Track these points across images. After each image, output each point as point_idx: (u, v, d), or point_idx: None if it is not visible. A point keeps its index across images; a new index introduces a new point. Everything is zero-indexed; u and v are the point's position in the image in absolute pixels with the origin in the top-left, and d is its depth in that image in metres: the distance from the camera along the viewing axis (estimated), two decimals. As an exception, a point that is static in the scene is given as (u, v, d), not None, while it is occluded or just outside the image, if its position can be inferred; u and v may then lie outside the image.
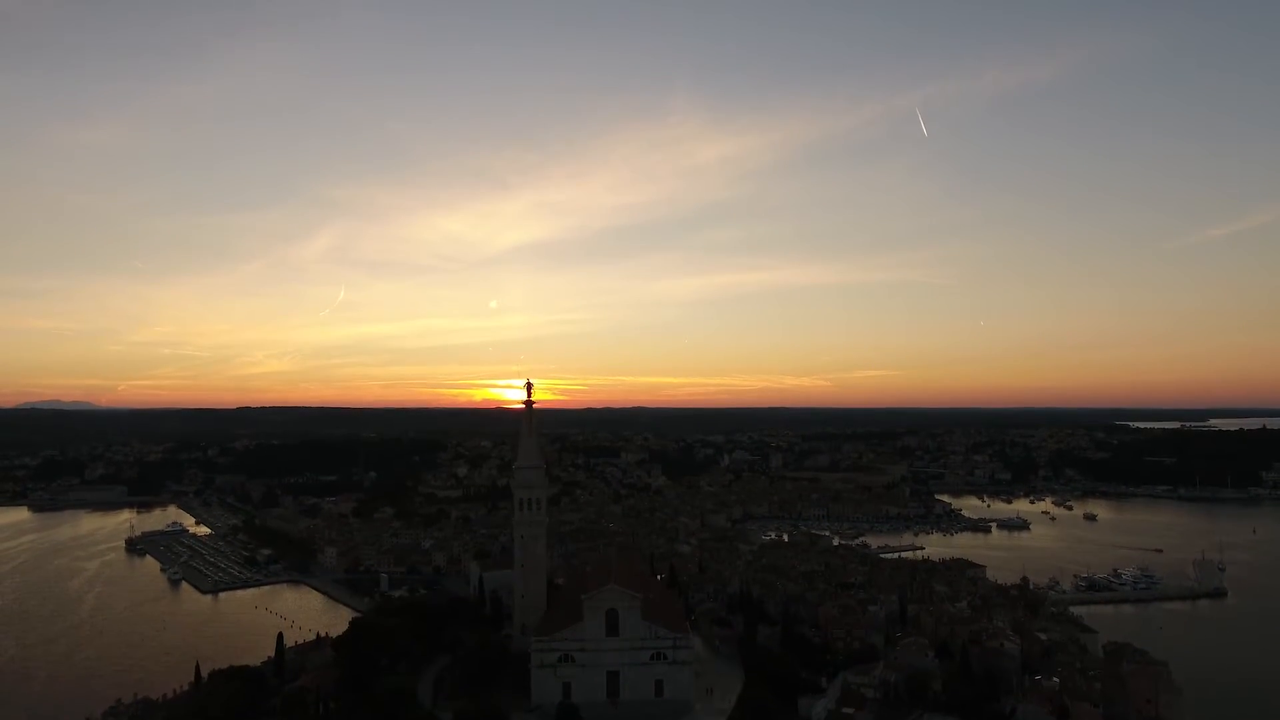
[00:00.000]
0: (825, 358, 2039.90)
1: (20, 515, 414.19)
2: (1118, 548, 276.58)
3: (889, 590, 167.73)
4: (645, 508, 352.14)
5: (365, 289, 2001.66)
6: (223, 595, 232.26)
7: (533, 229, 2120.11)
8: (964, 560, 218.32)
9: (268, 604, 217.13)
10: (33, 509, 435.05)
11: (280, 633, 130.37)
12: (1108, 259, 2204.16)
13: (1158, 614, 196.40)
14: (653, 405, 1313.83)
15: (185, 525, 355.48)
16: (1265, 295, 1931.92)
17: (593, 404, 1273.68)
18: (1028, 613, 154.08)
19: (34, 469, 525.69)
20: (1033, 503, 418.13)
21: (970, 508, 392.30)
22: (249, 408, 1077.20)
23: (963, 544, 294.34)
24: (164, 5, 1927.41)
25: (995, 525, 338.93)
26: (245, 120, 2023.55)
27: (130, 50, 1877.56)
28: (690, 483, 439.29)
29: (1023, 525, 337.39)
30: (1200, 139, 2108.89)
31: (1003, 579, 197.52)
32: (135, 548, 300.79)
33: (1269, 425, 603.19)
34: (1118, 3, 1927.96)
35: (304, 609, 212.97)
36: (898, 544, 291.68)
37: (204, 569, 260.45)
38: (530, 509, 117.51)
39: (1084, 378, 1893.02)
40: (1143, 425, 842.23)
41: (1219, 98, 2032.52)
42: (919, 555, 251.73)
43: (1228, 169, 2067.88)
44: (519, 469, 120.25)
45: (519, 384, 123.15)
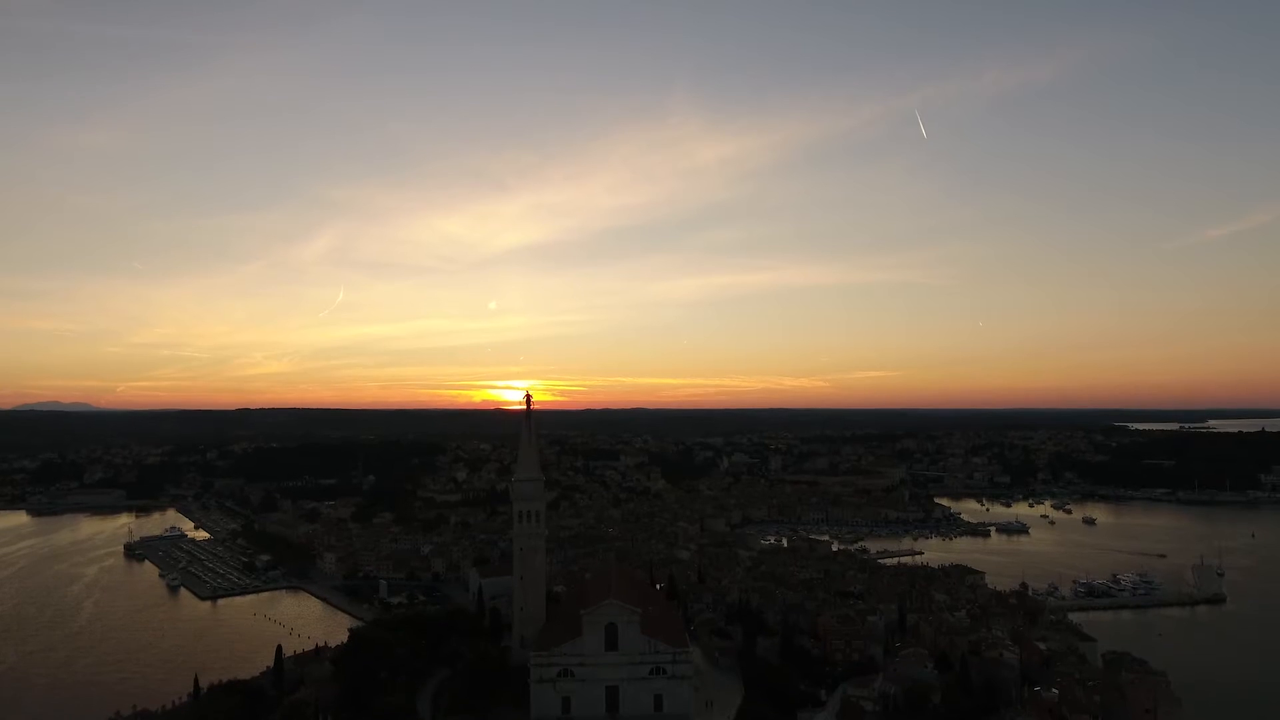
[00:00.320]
0: (824, 358, 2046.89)
1: (19, 519, 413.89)
2: (1117, 552, 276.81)
3: (888, 598, 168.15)
4: (645, 512, 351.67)
5: (364, 290, 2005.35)
6: (221, 602, 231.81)
7: (532, 230, 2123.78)
8: (963, 566, 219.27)
9: (266, 611, 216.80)
10: (31, 513, 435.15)
11: (279, 644, 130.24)
12: (1107, 259, 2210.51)
13: (1157, 620, 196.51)
14: (652, 406, 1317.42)
15: (184, 530, 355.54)
16: (1265, 295, 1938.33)
17: (592, 405, 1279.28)
18: (1027, 621, 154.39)
19: (32, 472, 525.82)
20: (1031, 506, 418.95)
21: (969, 511, 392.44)
22: (248, 409, 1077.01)
23: (962, 549, 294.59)
24: (164, 6, 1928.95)
25: (994, 529, 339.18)
26: (245, 121, 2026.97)
27: (130, 51, 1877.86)
28: (689, 486, 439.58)
29: (1022, 529, 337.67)
30: (1200, 139, 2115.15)
31: (1002, 585, 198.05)
32: (134, 553, 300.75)
33: (1268, 427, 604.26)
34: (1118, 3, 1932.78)
35: (302, 616, 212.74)
36: (897, 549, 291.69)
37: (203, 575, 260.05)
38: (529, 521, 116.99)
39: (1083, 378, 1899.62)
40: (1141, 427, 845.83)
41: (1219, 98, 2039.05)
42: (918, 560, 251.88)
43: (1227, 169, 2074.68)
44: (518, 481, 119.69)
45: (518, 386, 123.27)
